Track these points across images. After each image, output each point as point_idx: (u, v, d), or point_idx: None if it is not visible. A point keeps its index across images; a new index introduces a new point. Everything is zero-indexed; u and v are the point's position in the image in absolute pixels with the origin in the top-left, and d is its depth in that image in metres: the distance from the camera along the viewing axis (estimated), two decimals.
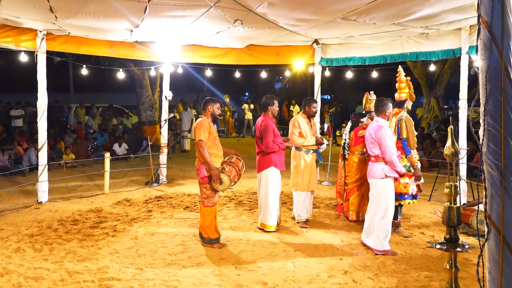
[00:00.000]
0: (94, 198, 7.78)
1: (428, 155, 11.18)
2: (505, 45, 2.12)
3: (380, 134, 4.92)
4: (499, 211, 2.10)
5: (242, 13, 5.77)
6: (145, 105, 14.65)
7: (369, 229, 5.09)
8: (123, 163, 11.71)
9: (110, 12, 5.90)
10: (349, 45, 8.78)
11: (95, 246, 5.16)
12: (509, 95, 2.11)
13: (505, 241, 2.10)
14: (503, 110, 2.10)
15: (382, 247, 4.96)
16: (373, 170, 5.03)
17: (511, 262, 2.09)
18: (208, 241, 5.16)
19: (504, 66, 2.11)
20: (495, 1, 2.10)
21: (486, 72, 2.13)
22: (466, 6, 5.26)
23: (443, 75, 16.61)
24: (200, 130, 4.96)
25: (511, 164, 2.11)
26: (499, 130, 2.10)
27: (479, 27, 2.18)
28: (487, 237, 2.17)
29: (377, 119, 5.11)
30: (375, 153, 5.01)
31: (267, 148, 5.60)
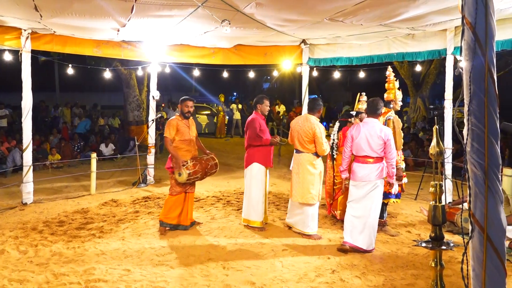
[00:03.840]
0: (80, 199, 7.69)
1: (414, 155, 11.30)
2: (489, 46, 2.15)
3: (390, 135, 4.94)
4: (483, 209, 2.14)
5: (229, 13, 5.76)
6: (132, 105, 14.54)
7: (360, 230, 4.98)
8: (110, 163, 11.61)
9: (96, 12, 5.83)
10: (337, 46, 8.84)
11: (81, 248, 5.10)
12: (493, 95, 2.15)
13: (489, 239, 2.13)
14: (487, 110, 2.13)
15: (373, 245, 5.01)
16: (373, 172, 4.93)
17: (494, 260, 2.13)
18: (160, 224, 5.68)
19: (488, 66, 2.15)
20: (479, 3, 2.14)
21: (470, 72, 2.16)
22: (451, 7, 5.33)
23: (429, 75, 16.81)
24: (166, 128, 5.57)
25: (494, 163, 2.14)
26: (482, 129, 2.13)
27: (463, 28, 2.21)
28: (471, 235, 2.20)
29: (373, 120, 5.05)
30: (379, 154, 4.93)
31: (251, 139, 5.70)
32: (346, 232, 5.07)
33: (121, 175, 9.87)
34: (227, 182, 9.17)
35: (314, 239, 5.43)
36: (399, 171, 5.46)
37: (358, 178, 5.02)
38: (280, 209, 6.84)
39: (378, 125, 5.02)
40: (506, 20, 6.08)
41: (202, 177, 5.70)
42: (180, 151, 5.57)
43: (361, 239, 4.97)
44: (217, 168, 5.88)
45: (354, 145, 5.06)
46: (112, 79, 12.95)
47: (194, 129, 5.84)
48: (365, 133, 4.97)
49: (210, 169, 5.76)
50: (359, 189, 5.02)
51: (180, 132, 5.58)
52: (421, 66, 14.42)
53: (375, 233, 5.02)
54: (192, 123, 5.82)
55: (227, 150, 14.17)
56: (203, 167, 5.61)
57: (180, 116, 5.71)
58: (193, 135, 5.77)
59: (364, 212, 4.97)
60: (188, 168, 5.45)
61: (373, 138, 4.92)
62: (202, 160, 5.70)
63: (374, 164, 4.95)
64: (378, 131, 4.93)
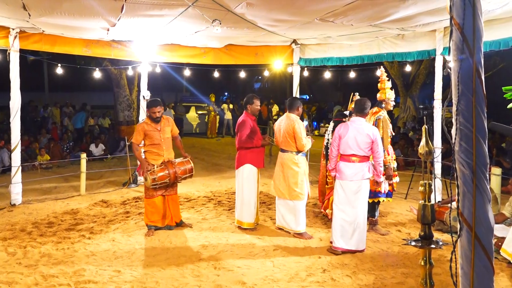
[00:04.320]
0: (70, 199, 7.62)
1: (404, 154, 11.39)
2: (476, 47, 2.18)
3: (378, 134, 4.99)
4: (471, 208, 2.16)
5: (220, 13, 5.76)
6: (123, 105, 14.45)
7: (351, 234, 4.95)
8: (100, 163, 11.52)
9: (86, 11, 5.79)
10: (327, 46, 8.88)
11: (71, 249, 5.06)
12: (480, 95, 2.17)
13: (477, 237, 2.16)
14: (475, 110, 2.15)
15: (364, 244, 5.04)
16: (360, 171, 4.94)
17: (482, 258, 2.15)
18: (147, 226, 5.68)
19: (475, 67, 2.17)
20: (467, 4, 2.16)
21: (458, 72, 2.19)
22: (440, 8, 5.38)
23: (419, 75, 16.94)
24: (134, 133, 5.62)
25: (482, 162, 2.17)
26: (470, 129, 2.15)
27: (451, 29, 2.23)
28: (460, 233, 2.22)
29: (360, 119, 5.06)
30: (366, 153, 4.95)
31: (241, 142, 5.67)
32: (336, 236, 4.99)
33: (111, 176, 9.81)
34: (218, 182, 9.15)
35: (305, 239, 5.45)
36: (389, 170, 5.51)
37: (344, 177, 5.00)
38: (271, 209, 6.85)
39: (366, 124, 5.06)
40: (494, 21, 6.15)
41: (172, 182, 5.59)
42: (150, 155, 5.54)
43: (353, 242, 4.97)
44: (192, 172, 5.74)
45: (341, 144, 5.04)
46: (102, 79, 12.85)
47: (168, 130, 5.66)
48: (353, 131, 4.98)
49: (183, 174, 5.62)
50: (346, 188, 4.99)
51: (148, 136, 5.51)
52: (411, 66, 14.53)
53: (365, 232, 5.06)
54: (166, 124, 5.65)
55: (218, 150, 14.15)
56: (172, 172, 5.49)
57: (149, 120, 5.58)
58: (167, 137, 5.62)
59: (353, 216, 4.96)
60: (153, 173, 5.38)
61: (361, 137, 4.93)
62: (173, 164, 5.57)
63: (360, 163, 4.96)
64: (366, 130, 4.95)
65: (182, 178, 5.66)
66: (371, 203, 5.66)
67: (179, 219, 5.90)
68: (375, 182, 5.35)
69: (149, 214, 5.64)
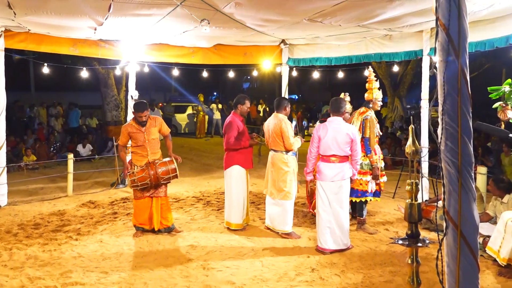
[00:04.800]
0: (56, 200, 7.54)
1: (392, 154, 11.48)
2: (462, 47, 2.21)
3: (357, 133, 5.01)
4: (457, 207, 2.19)
5: (209, 13, 5.74)
6: (111, 105, 14.34)
7: (337, 235, 4.97)
8: (87, 164, 11.41)
9: (73, 10, 5.73)
10: (316, 46, 8.92)
11: (57, 250, 5.00)
12: (466, 95, 2.20)
13: (462, 236, 2.19)
14: (460, 110, 2.18)
15: (349, 241, 5.07)
16: (340, 171, 4.95)
17: (467, 256, 2.18)
18: (135, 227, 5.63)
19: (461, 67, 2.20)
20: (452, 5, 2.19)
21: (444, 73, 2.21)
22: (427, 9, 5.44)
23: (406, 75, 17.10)
24: (120, 135, 5.57)
25: (467, 161, 2.20)
26: (456, 129, 2.18)
27: (437, 29, 2.26)
28: (446, 232, 2.25)
29: (337, 118, 5.05)
30: (346, 153, 4.96)
31: (228, 144, 5.64)
32: (322, 238, 4.98)
33: (99, 176, 9.72)
34: (207, 182, 9.13)
35: (294, 238, 5.46)
36: (376, 170, 5.56)
37: (325, 178, 4.98)
38: (261, 209, 6.85)
39: (344, 123, 5.06)
40: (480, 22, 6.23)
41: (155, 183, 5.42)
42: (135, 156, 5.50)
43: (339, 241, 5.00)
44: (176, 172, 5.49)
45: (321, 145, 5.03)
46: (89, 79, 12.73)
47: (154, 131, 5.53)
48: (332, 132, 4.96)
49: (164, 174, 5.40)
50: (327, 189, 4.98)
51: (133, 138, 5.47)
52: (399, 66, 14.65)
53: (348, 229, 5.08)
54: (151, 125, 5.51)
55: (207, 150, 14.10)
56: (153, 173, 5.34)
57: (134, 121, 5.49)
58: (152, 138, 5.49)
59: (337, 218, 4.96)
60: (132, 175, 5.32)
61: (341, 136, 4.92)
62: (154, 165, 5.41)
63: (340, 163, 4.96)
64: (344, 129, 4.95)
65: (164, 179, 5.45)
66: (359, 202, 5.71)
67: (170, 223, 5.66)
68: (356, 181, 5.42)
69: (136, 215, 5.59)
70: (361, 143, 5.57)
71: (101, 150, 12.62)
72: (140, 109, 5.40)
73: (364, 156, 5.61)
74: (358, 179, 5.60)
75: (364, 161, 5.59)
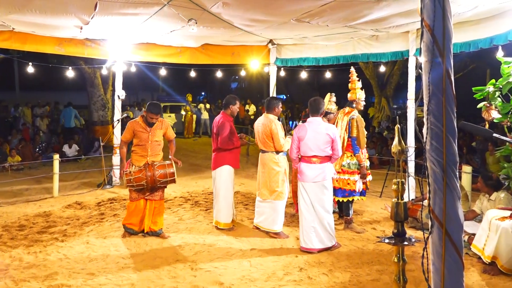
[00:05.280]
0: (42, 202, 7.43)
1: (379, 153, 11.58)
2: (446, 48, 2.23)
3: (336, 133, 5.03)
4: (442, 205, 2.22)
5: (196, 12, 5.72)
6: (97, 105, 14.20)
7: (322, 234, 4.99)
8: (74, 164, 11.27)
9: (58, 9, 5.67)
10: (304, 46, 8.96)
11: (43, 252, 4.93)
12: (450, 95, 2.23)
13: (447, 234, 2.21)
14: (445, 110, 2.21)
15: (335, 239, 5.10)
16: (321, 172, 4.96)
17: (452, 254, 2.21)
18: (124, 228, 5.54)
19: (445, 68, 2.22)
20: (437, 6, 2.21)
21: (429, 73, 2.24)
22: (413, 10, 5.50)
23: (393, 75, 17.27)
24: (124, 130, 5.45)
25: (452, 161, 2.22)
26: (441, 128, 2.21)
27: (422, 30, 2.28)
28: (431, 230, 2.28)
29: (317, 119, 5.04)
30: (327, 153, 4.97)
31: (223, 144, 5.62)
32: (307, 238, 4.99)
33: (85, 177, 9.61)
34: (195, 183, 9.10)
35: (282, 238, 5.47)
36: (363, 169, 5.60)
37: (306, 179, 4.99)
38: (249, 209, 6.85)
39: (323, 123, 5.07)
40: (465, 23, 6.32)
41: (151, 185, 5.30)
42: (135, 155, 5.39)
43: (325, 239, 5.02)
44: (174, 176, 5.37)
45: (301, 146, 5.03)
46: (75, 78, 12.59)
47: (159, 133, 5.43)
48: (312, 133, 4.96)
49: (162, 177, 5.29)
50: (309, 190, 4.99)
51: (137, 136, 5.35)
52: (385, 66, 14.80)
53: (333, 227, 5.11)
54: (158, 127, 5.41)
55: (195, 150, 14.05)
56: (150, 174, 5.22)
57: (141, 119, 5.39)
58: (155, 140, 5.39)
59: (320, 218, 4.98)
60: (129, 174, 5.21)
61: (321, 137, 4.93)
62: (152, 167, 5.28)
63: (321, 164, 4.97)
64: (324, 130, 4.95)
65: (161, 182, 5.33)
66: (345, 202, 5.75)
67: (158, 227, 5.52)
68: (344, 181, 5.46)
69: (128, 216, 5.48)
70: (348, 142, 5.64)
71: (88, 150, 12.49)
72: (154, 111, 5.29)
73: (351, 155, 5.66)
74: (346, 179, 5.64)
75: (352, 161, 5.64)
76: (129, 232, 5.50)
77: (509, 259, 4.23)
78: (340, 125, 5.75)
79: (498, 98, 5.21)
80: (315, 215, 4.98)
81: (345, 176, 5.65)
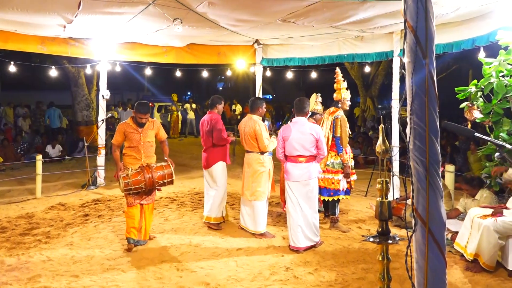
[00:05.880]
0: (24, 203, 7.31)
1: (364, 153, 11.68)
2: (429, 49, 2.26)
3: (321, 132, 5.07)
4: (425, 204, 2.25)
5: (182, 12, 5.69)
6: (81, 105, 14.02)
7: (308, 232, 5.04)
8: (57, 165, 11.11)
9: (41, 7, 5.58)
10: (289, 46, 8.99)
11: (25, 255, 4.85)
12: (433, 96, 2.26)
13: (430, 232, 2.24)
14: (427, 110, 2.24)
15: (319, 236, 5.17)
16: (307, 171, 5.00)
17: (435, 252, 2.24)
18: (127, 240, 5.14)
19: (428, 68, 2.25)
20: (420, 7, 2.24)
21: (412, 74, 2.27)
22: (397, 11, 5.56)
23: (378, 76, 17.43)
24: (115, 133, 5.21)
25: (435, 160, 2.26)
26: (424, 128, 2.24)
27: (405, 31, 2.31)
28: (414, 229, 2.31)
29: (302, 119, 5.08)
30: (312, 152, 5.00)
31: (219, 139, 5.70)
32: (295, 237, 5.03)
33: (69, 178, 9.48)
34: (181, 183, 9.04)
35: (268, 238, 5.48)
36: (347, 168, 5.65)
37: (292, 178, 5.03)
38: (235, 209, 6.85)
39: (308, 123, 5.10)
40: (447, 24, 6.42)
41: (149, 188, 5.11)
42: (128, 158, 5.15)
43: (311, 237, 5.08)
44: (172, 177, 5.24)
45: (286, 146, 5.06)
46: (59, 77, 12.41)
47: (151, 134, 5.24)
48: (296, 133, 5.00)
49: (160, 179, 5.12)
50: (295, 189, 5.03)
51: (128, 138, 5.13)
52: (370, 67, 14.95)
53: (318, 226, 5.17)
54: (149, 127, 5.23)
55: (181, 150, 13.97)
56: (149, 176, 5.02)
57: (131, 120, 5.20)
58: (148, 141, 5.19)
59: (305, 217, 5.03)
60: (127, 177, 4.95)
61: (305, 137, 4.96)
62: (150, 168, 5.10)
63: (307, 163, 5.01)
64: (308, 130, 4.99)
65: (160, 184, 5.14)
66: (331, 201, 5.78)
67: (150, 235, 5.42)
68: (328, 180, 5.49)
69: (129, 225, 5.13)
70: (332, 142, 5.69)
71: (72, 150, 12.32)
72: (142, 111, 5.09)
73: (335, 155, 5.69)
74: (330, 178, 5.68)
75: (335, 160, 5.68)
76: (132, 243, 5.11)
77: (490, 256, 4.31)
78: (325, 124, 5.80)
79: (480, 98, 5.31)
80: (301, 213, 5.01)
81: (329, 176, 5.70)
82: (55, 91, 22.93)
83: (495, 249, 4.31)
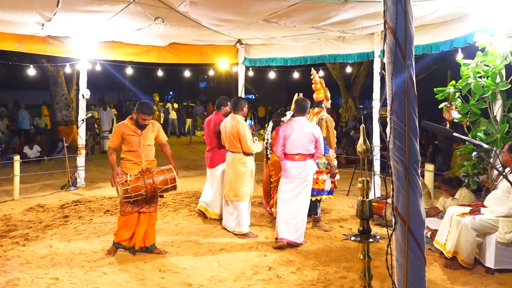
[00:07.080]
0: (2, 205, 7.14)
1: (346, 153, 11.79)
2: (408, 50, 2.30)
3: (320, 132, 5.21)
4: (404, 203, 2.28)
5: (163, 11, 5.65)
6: (60, 104, 13.77)
7: (294, 228, 5.11)
8: (36, 166, 10.89)
9: (18, 4, 5.46)
10: (272, 46, 9.01)
11: (3, 257, 4.74)
12: (412, 96, 2.30)
13: (410, 231, 2.28)
14: (407, 110, 2.27)
15: (303, 238, 5.23)
16: (304, 169, 5.12)
17: (415, 250, 2.28)
18: (113, 244, 4.91)
19: (407, 69, 2.29)
20: (399, 9, 2.28)
21: (392, 74, 2.30)
22: (377, 13, 5.62)
23: (359, 76, 17.63)
24: (111, 135, 4.85)
25: (414, 159, 2.29)
26: (403, 128, 2.27)
27: (385, 32, 2.34)
28: (394, 227, 2.34)
29: (302, 118, 5.21)
30: (311, 151, 5.14)
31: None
32: (280, 229, 5.14)
33: (48, 178, 9.30)
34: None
35: (251, 238, 5.49)
36: (333, 168, 5.71)
37: (291, 176, 5.16)
38: None
39: (308, 123, 5.25)
40: (427, 26, 6.52)
41: (151, 195, 4.74)
42: (126, 163, 4.74)
43: (296, 235, 5.13)
44: (175, 182, 4.86)
45: (287, 144, 5.16)
46: (37, 77, 12.17)
47: (151, 137, 4.85)
48: (297, 132, 5.13)
49: (162, 184, 4.74)
50: (291, 187, 5.16)
51: (127, 141, 4.71)
52: (352, 67, 15.09)
53: (305, 226, 5.28)
54: (149, 129, 4.83)
55: None
56: (150, 182, 4.65)
57: (130, 121, 4.77)
58: (147, 144, 4.81)
59: (296, 212, 5.14)
60: (125, 184, 4.58)
61: (306, 136, 5.11)
62: (151, 173, 4.72)
63: (304, 161, 5.15)
64: (309, 129, 5.15)
65: (162, 189, 4.78)
66: (313, 201, 5.82)
67: (152, 242, 4.95)
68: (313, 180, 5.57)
69: (120, 233, 4.83)
70: None
71: (51, 151, 12.09)
72: (147, 111, 4.67)
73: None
74: (315, 178, 5.72)
75: (321, 160, 5.72)
76: (117, 247, 4.88)
77: (468, 253, 4.40)
78: None
79: (458, 98, 5.41)
80: (292, 209, 5.13)
81: (314, 176, 5.73)
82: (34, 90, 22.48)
83: (473, 247, 4.41)
